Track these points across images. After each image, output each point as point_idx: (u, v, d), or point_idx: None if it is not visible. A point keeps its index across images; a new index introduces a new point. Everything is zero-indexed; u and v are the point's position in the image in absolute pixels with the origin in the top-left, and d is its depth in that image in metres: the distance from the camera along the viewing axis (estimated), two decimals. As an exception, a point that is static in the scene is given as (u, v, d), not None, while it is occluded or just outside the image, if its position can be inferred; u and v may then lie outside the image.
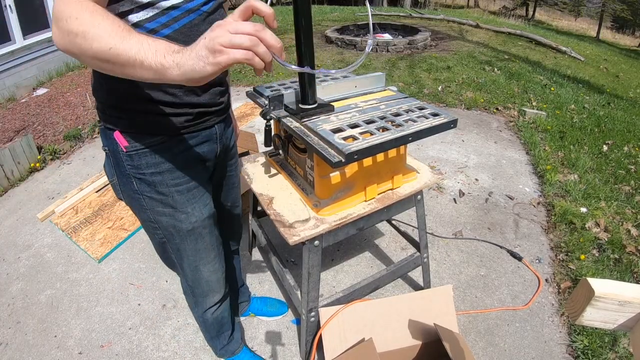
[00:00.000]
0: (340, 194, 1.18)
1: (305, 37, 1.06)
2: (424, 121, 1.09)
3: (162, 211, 0.89)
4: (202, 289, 1.09)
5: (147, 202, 0.87)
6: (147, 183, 0.84)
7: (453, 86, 4.30)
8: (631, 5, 16.68)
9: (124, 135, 0.79)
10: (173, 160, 0.85)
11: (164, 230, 0.93)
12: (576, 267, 1.83)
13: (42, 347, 1.56)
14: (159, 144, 0.82)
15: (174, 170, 0.85)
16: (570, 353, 1.48)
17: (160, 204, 0.88)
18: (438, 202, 2.39)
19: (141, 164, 0.82)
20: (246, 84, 4.74)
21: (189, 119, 0.84)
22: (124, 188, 0.87)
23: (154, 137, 0.81)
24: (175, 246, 0.96)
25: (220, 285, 1.13)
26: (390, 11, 10.26)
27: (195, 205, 0.92)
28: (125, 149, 0.80)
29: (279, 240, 1.84)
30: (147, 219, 0.91)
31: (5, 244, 2.17)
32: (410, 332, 1.31)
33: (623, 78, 6.01)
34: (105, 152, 0.85)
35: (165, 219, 0.90)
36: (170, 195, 0.87)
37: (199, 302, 1.14)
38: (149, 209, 0.89)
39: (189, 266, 1.01)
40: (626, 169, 2.75)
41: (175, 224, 0.91)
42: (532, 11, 19.72)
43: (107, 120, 0.80)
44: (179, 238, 0.94)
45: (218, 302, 1.17)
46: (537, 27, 10.58)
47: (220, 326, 1.27)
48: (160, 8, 0.70)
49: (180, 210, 0.90)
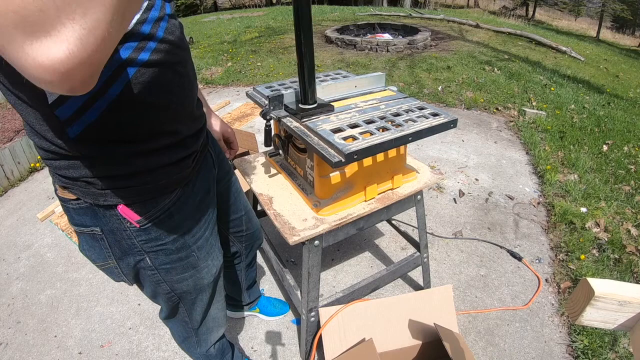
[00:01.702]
0: (340, 193, 1.18)
1: (305, 37, 1.06)
2: (424, 121, 1.09)
3: (182, 277, 0.77)
4: (208, 327, 0.99)
5: (163, 275, 0.74)
6: (166, 254, 0.70)
7: (453, 86, 4.30)
8: (631, 5, 16.69)
9: (131, 208, 0.61)
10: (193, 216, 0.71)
11: (180, 294, 0.81)
12: (576, 267, 1.83)
13: (42, 347, 1.56)
14: (176, 201, 0.67)
15: (193, 225, 0.72)
16: (570, 353, 1.48)
17: (181, 269, 0.75)
18: (438, 202, 2.39)
19: (160, 233, 0.67)
20: (246, 84, 4.74)
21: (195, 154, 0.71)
22: (130, 270, 0.72)
23: (171, 194, 0.65)
24: (190, 302, 0.85)
25: (225, 318, 1.06)
26: (390, 11, 10.27)
27: (214, 254, 0.82)
28: (138, 224, 0.63)
29: (279, 240, 1.84)
30: (162, 292, 0.79)
31: (5, 244, 2.17)
32: (410, 332, 1.31)
33: (623, 78, 6.01)
34: (90, 234, 0.65)
35: (186, 282, 0.78)
36: (192, 256, 0.75)
37: (202, 341, 1.02)
38: (165, 282, 0.76)
39: (202, 312, 0.91)
40: (626, 169, 2.75)
41: (197, 282, 0.80)
42: (532, 11, 19.72)
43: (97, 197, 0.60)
44: (197, 293, 0.84)
45: (222, 335, 1.11)
46: (537, 27, 10.58)
47: (222, 353, 1.19)
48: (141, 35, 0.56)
49: (202, 267, 0.79)
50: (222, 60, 5.64)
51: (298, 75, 1.15)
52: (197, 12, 16.09)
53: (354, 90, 1.37)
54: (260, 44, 6.66)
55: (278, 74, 4.94)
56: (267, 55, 5.81)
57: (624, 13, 17.00)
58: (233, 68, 5.27)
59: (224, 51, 6.16)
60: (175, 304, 0.84)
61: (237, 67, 5.32)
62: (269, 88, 1.37)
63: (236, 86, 4.69)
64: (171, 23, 0.61)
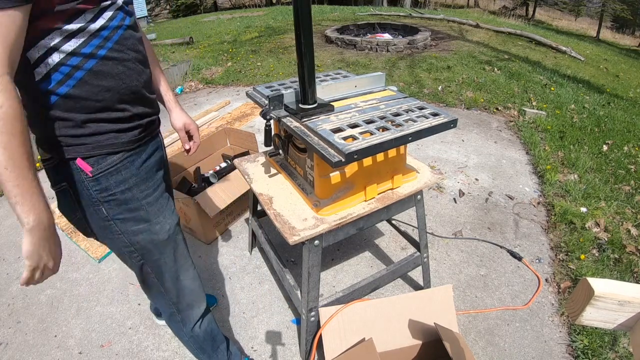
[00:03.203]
0: (340, 193, 1.18)
1: (305, 37, 1.06)
2: (424, 121, 1.09)
3: (136, 229, 0.88)
4: (187, 301, 1.06)
5: (119, 226, 0.86)
6: (117, 204, 0.84)
7: (453, 86, 4.30)
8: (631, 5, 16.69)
9: (86, 161, 0.78)
10: (138, 174, 0.86)
11: (141, 250, 0.91)
12: (576, 267, 1.83)
13: (42, 347, 1.56)
14: (122, 160, 0.82)
15: (140, 182, 0.86)
16: (570, 353, 1.48)
17: (134, 221, 0.87)
18: (438, 202, 2.39)
19: (110, 184, 0.81)
20: (246, 84, 4.74)
21: (141, 130, 0.87)
22: (92, 219, 0.85)
23: (116, 155, 0.81)
24: (154, 263, 0.95)
25: (203, 293, 1.11)
26: (390, 11, 10.27)
27: (165, 213, 0.93)
28: (91, 173, 0.79)
29: (279, 240, 1.85)
30: (122, 245, 0.90)
31: (5, 244, 2.17)
32: (410, 332, 1.31)
33: (623, 78, 6.01)
34: (61, 190, 0.82)
35: (142, 236, 0.89)
36: (142, 208, 0.87)
37: (185, 318, 1.09)
38: (122, 233, 0.87)
39: (171, 279, 0.99)
40: (626, 169, 2.75)
41: (152, 237, 0.90)
42: (532, 11, 19.72)
43: (62, 152, 0.77)
44: (158, 252, 0.93)
45: (203, 313, 1.13)
46: (537, 27, 10.58)
47: (213, 339, 1.21)
48: (90, 32, 0.72)
49: (155, 222, 0.90)
50: (222, 60, 5.64)
51: (298, 75, 1.15)
52: (197, 12, 16.09)
53: (354, 90, 1.37)
54: (260, 43, 6.66)
55: (278, 74, 4.94)
56: (267, 55, 5.81)
57: (624, 13, 17.00)
58: (233, 68, 5.27)
59: (224, 51, 6.16)
60: (140, 264, 0.94)
61: (237, 67, 5.32)
62: (269, 88, 1.37)
63: (236, 86, 4.69)
64: (128, 32, 0.80)
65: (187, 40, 6.85)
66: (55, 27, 0.68)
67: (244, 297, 1.74)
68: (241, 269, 1.90)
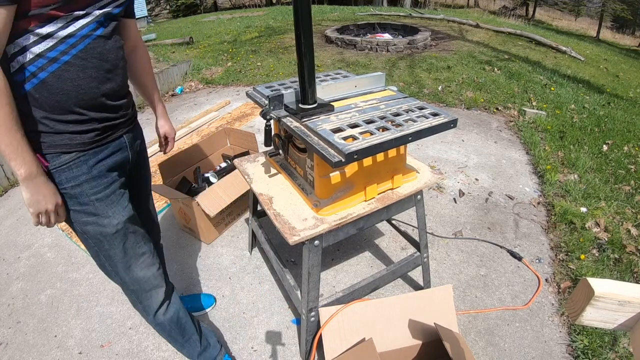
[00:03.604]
0: (340, 193, 1.18)
1: (305, 37, 1.06)
2: (424, 121, 1.09)
3: (86, 220, 0.95)
4: (143, 288, 1.10)
5: (72, 215, 0.94)
6: (69, 197, 0.91)
7: (453, 86, 4.30)
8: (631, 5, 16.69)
9: (43, 156, 0.86)
10: (89, 173, 0.92)
11: (92, 239, 0.99)
12: (576, 267, 1.83)
13: (42, 347, 1.56)
14: (74, 159, 0.89)
15: (90, 181, 0.93)
16: (570, 353, 1.48)
17: (84, 214, 0.94)
18: (438, 202, 2.39)
19: (62, 179, 0.89)
20: (246, 84, 4.74)
21: (97, 133, 0.93)
22: None
23: (69, 154, 0.88)
24: (105, 252, 1.01)
25: (159, 279, 1.13)
26: (390, 11, 10.27)
27: (115, 209, 0.98)
28: (47, 169, 0.87)
29: (279, 240, 1.84)
30: (77, 231, 0.98)
31: (5, 244, 2.17)
32: (410, 332, 1.31)
33: (623, 78, 6.01)
34: None
35: (91, 227, 0.96)
36: (90, 204, 0.94)
37: (146, 306, 1.13)
38: (75, 221, 0.95)
39: (123, 268, 1.04)
40: (626, 169, 2.75)
41: (101, 230, 0.97)
42: (532, 11, 19.72)
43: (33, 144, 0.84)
44: (108, 243, 0.99)
45: (164, 299, 1.15)
46: (537, 27, 10.58)
47: (181, 329, 1.23)
48: (58, 37, 0.79)
49: (102, 216, 0.96)
50: (222, 60, 5.64)
51: (298, 75, 1.15)
52: (197, 12, 16.09)
53: (354, 90, 1.37)
54: (260, 43, 6.66)
55: (278, 74, 4.94)
56: (267, 55, 5.82)
57: (624, 13, 17.00)
58: (233, 68, 5.27)
59: (224, 51, 6.16)
60: (95, 252, 1.01)
61: (237, 67, 5.32)
62: (269, 88, 1.37)
63: (236, 86, 4.69)
64: (97, 42, 0.85)
65: (187, 40, 6.86)
66: (29, 28, 0.76)
67: (244, 297, 1.74)
68: (241, 269, 1.90)
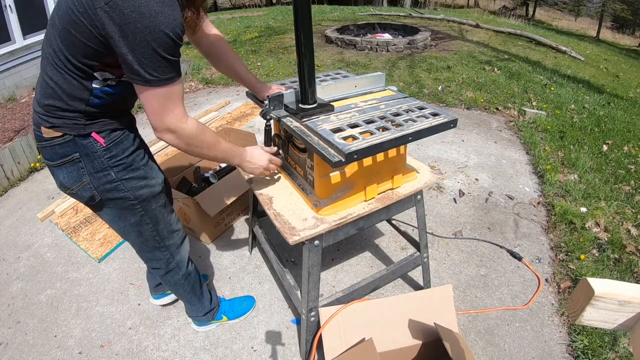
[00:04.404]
0: (340, 193, 1.18)
1: (305, 37, 1.06)
2: (424, 121, 1.09)
3: (140, 185, 1.10)
4: (176, 242, 1.28)
5: (125, 184, 1.07)
6: (124, 166, 1.05)
7: (453, 86, 4.30)
8: (631, 5, 16.69)
9: (100, 135, 1.00)
10: (134, 144, 1.10)
11: (142, 202, 1.12)
12: (576, 267, 1.83)
13: (42, 347, 1.56)
14: (122, 135, 1.06)
15: (137, 150, 1.10)
16: (570, 353, 1.48)
17: (137, 179, 1.09)
18: (438, 202, 2.39)
19: (117, 152, 1.03)
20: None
21: (130, 120, 1.15)
22: (99, 184, 1.04)
23: (119, 131, 1.05)
24: (152, 212, 1.16)
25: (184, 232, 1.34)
26: (390, 11, 10.27)
27: (156, 171, 1.18)
28: (105, 144, 1.01)
29: (279, 240, 1.84)
30: (128, 199, 1.09)
31: (5, 244, 2.17)
32: (410, 332, 1.31)
33: (623, 78, 6.01)
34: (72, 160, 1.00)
35: (144, 190, 1.11)
36: (141, 168, 1.10)
37: (179, 261, 1.32)
38: (128, 190, 1.08)
39: (164, 224, 1.22)
40: (626, 169, 2.75)
41: (151, 190, 1.13)
42: (532, 11, 19.73)
43: (81, 129, 0.97)
44: (155, 202, 1.16)
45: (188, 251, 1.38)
46: (537, 27, 10.58)
47: (199, 280, 1.45)
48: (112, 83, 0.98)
49: (150, 177, 1.13)
50: (222, 60, 5.63)
51: (298, 75, 1.15)
52: (197, 12, 16.05)
53: (354, 90, 1.37)
54: (260, 43, 6.66)
55: (278, 74, 4.94)
56: (267, 55, 5.81)
57: (624, 13, 16.99)
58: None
59: (224, 51, 6.15)
60: (140, 215, 1.14)
61: (237, 67, 5.31)
62: (269, 88, 1.37)
63: (236, 86, 4.69)
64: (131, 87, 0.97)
65: (187, 40, 6.84)
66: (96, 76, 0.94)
67: (244, 297, 1.74)
68: (241, 269, 1.90)
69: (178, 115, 0.91)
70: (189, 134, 0.95)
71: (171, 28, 0.79)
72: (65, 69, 0.88)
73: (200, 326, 1.59)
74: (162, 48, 0.80)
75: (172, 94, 0.88)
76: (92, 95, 0.94)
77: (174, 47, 0.83)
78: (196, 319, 1.56)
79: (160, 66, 0.82)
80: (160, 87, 0.85)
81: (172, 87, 0.87)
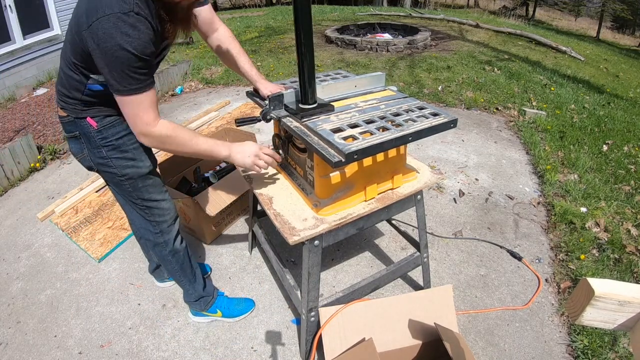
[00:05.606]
0: (340, 193, 1.18)
1: (305, 37, 1.06)
2: (424, 121, 1.09)
3: (127, 164, 1.23)
4: (166, 218, 1.37)
5: (114, 162, 1.22)
6: (113, 147, 1.20)
7: (453, 86, 4.30)
8: (631, 5, 16.69)
9: (94, 119, 1.16)
10: (126, 130, 1.19)
11: (129, 180, 1.25)
12: (576, 267, 1.83)
13: (42, 347, 1.56)
14: (115, 120, 1.19)
15: (128, 135, 1.20)
16: (570, 353, 1.48)
17: (125, 159, 1.22)
18: (438, 202, 2.39)
19: (108, 134, 1.18)
20: (246, 84, 4.73)
21: None
22: (94, 157, 1.22)
23: (112, 117, 1.18)
24: (139, 190, 1.28)
25: (176, 212, 1.42)
26: (390, 11, 10.27)
27: (145, 156, 1.27)
28: (97, 127, 1.16)
29: (279, 240, 1.84)
30: (116, 174, 1.24)
31: (5, 244, 2.17)
32: (410, 332, 1.31)
33: (623, 78, 6.01)
34: (73, 136, 1.21)
35: (130, 169, 1.24)
36: (130, 151, 1.22)
37: (168, 240, 1.39)
38: (116, 167, 1.22)
39: (151, 198, 1.31)
40: (626, 169, 2.75)
41: (137, 170, 1.25)
42: (532, 11, 19.72)
43: (79, 113, 1.15)
44: (141, 181, 1.27)
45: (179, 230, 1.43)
46: (537, 27, 10.58)
47: (190, 262, 1.49)
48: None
49: (138, 160, 1.24)
50: (222, 60, 5.63)
51: (298, 75, 1.15)
52: (197, 12, 16.04)
53: (354, 90, 1.37)
54: (260, 43, 6.66)
55: (278, 74, 4.94)
56: (267, 55, 5.81)
57: (624, 13, 16.98)
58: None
59: (224, 51, 6.15)
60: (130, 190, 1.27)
61: (237, 67, 5.31)
62: (269, 88, 1.37)
63: (236, 86, 4.69)
64: None
65: (187, 40, 6.85)
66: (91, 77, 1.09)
67: (244, 297, 1.74)
68: (241, 269, 1.90)
69: (147, 120, 1.04)
70: (159, 135, 1.07)
71: (135, 46, 0.92)
72: (70, 65, 1.07)
73: (196, 316, 1.63)
74: (128, 63, 0.94)
75: (142, 102, 1.01)
76: (87, 89, 1.11)
77: (140, 62, 0.96)
78: (191, 305, 1.61)
79: (127, 78, 0.96)
80: (130, 96, 0.99)
81: (140, 96, 1.00)
